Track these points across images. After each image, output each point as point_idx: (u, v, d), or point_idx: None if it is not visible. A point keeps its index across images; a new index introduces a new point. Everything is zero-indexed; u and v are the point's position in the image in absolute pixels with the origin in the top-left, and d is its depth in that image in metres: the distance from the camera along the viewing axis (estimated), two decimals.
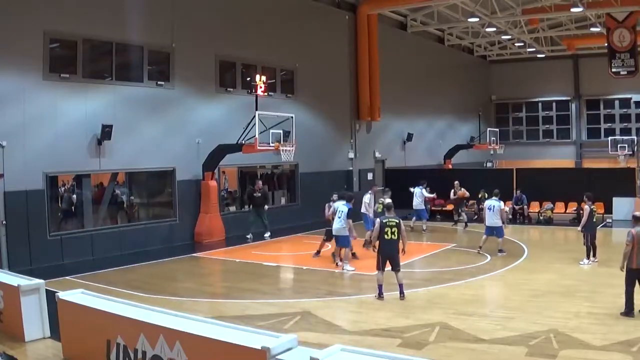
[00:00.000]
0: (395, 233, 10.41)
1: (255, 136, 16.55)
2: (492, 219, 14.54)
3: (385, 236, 10.41)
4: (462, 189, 20.82)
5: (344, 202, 13.50)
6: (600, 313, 9.29)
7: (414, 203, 19.48)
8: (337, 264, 13.51)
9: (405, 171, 26.70)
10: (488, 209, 14.66)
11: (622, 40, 23.79)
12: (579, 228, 13.52)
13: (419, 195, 19.47)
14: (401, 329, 8.73)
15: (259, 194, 18.01)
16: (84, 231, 15.46)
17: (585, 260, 13.25)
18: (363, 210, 16.69)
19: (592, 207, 13.42)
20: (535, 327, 8.58)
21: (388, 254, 10.50)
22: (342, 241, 13.31)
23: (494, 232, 14.55)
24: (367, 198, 16.91)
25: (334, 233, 13.45)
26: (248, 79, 19.83)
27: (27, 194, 13.86)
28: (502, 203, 15.01)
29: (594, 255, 13.33)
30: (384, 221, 10.48)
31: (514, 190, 21.87)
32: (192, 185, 17.82)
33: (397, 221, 10.51)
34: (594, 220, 13.64)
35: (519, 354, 7.56)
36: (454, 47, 33.82)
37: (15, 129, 13.69)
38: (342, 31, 24.25)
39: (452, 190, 20.98)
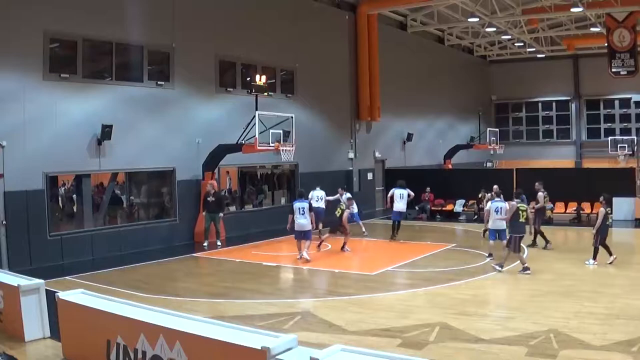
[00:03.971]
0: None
1: (255, 136, 16.56)
2: (498, 222, 13.96)
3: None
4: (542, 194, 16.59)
5: (302, 198, 15.01)
6: (600, 313, 9.29)
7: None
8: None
9: (405, 171, 26.72)
10: (495, 211, 14.00)
11: (622, 40, 23.80)
12: (593, 230, 13.21)
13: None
14: (401, 329, 8.72)
15: (212, 198, 16.79)
16: (83, 231, 15.46)
17: (591, 261, 13.11)
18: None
19: (607, 209, 13.25)
20: (535, 327, 8.58)
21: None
22: (309, 235, 14.59)
23: (498, 235, 14.09)
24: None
25: (303, 229, 14.47)
26: (248, 79, 19.83)
27: (27, 194, 13.86)
28: (506, 203, 14.33)
29: (610, 254, 13.07)
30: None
31: (514, 190, 21.84)
32: (192, 185, 17.82)
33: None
34: (608, 222, 13.38)
35: (519, 354, 7.56)
36: (454, 47, 33.82)
37: (15, 129, 13.69)
38: (342, 31, 24.25)
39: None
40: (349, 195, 18.10)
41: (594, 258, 13.19)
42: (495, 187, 15.92)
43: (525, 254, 14.35)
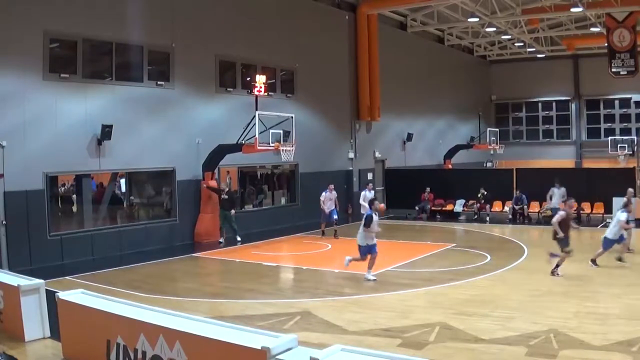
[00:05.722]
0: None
1: (255, 136, 16.57)
2: (612, 230, 12.87)
3: None
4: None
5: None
6: (600, 313, 9.28)
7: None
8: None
9: (405, 171, 26.74)
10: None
11: (622, 40, 23.79)
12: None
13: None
14: (401, 329, 8.72)
15: (225, 196, 17.28)
16: (84, 231, 15.47)
17: None
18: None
19: None
20: (535, 327, 8.57)
21: None
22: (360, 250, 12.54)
23: (612, 244, 12.87)
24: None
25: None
26: (248, 79, 19.83)
27: (27, 194, 13.87)
28: (625, 214, 12.89)
29: None
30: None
31: (514, 190, 21.87)
32: (192, 185, 17.82)
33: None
34: None
35: (519, 354, 7.55)
36: (454, 47, 33.82)
37: (15, 129, 13.70)
38: (342, 31, 24.25)
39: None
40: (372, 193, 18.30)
41: None
42: (629, 190, 15.79)
43: (524, 256, 14.33)
